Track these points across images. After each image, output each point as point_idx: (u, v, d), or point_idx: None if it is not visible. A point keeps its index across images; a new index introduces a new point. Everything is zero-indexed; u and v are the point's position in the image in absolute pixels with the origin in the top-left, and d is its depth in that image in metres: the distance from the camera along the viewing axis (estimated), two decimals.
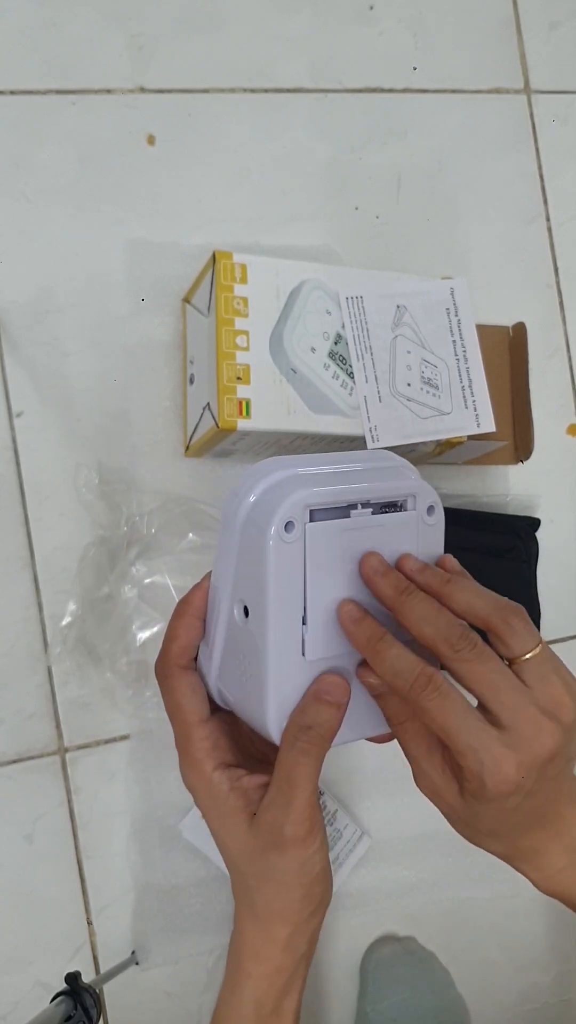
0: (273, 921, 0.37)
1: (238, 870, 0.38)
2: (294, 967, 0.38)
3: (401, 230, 0.71)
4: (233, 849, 0.37)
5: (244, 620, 0.35)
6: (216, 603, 0.36)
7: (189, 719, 0.37)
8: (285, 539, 0.32)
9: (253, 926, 0.38)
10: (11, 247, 0.63)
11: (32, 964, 0.59)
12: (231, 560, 0.35)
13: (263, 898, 0.37)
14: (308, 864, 0.36)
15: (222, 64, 0.68)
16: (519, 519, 0.66)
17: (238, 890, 0.39)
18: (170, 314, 0.64)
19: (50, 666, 0.60)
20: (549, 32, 0.76)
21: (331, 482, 0.34)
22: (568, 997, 0.69)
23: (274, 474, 0.34)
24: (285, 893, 0.37)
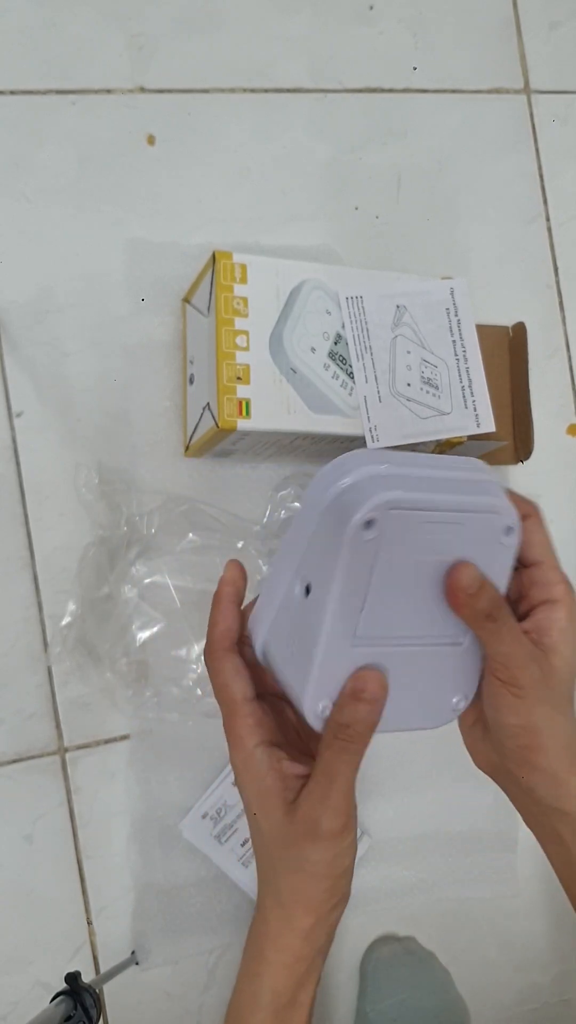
0: (298, 910, 0.38)
1: (268, 855, 0.38)
2: (313, 958, 0.38)
3: (401, 230, 0.71)
4: (267, 832, 0.38)
5: (303, 597, 0.35)
6: (280, 571, 0.37)
7: (234, 697, 0.38)
8: (363, 536, 0.33)
9: (277, 914, 0.38)
10: (11, 247, 0.63)
11: (32, 964, 0.59)
12: (304, 537, 0.35)
13: (290, 886, 0.38)
14: (339, 858, 0.37)
15: (222, 64, 0.68)
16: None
17: (265, 875, 0.39)
18: (170, 314, 0.64)
19: (50, 666, 0.60)
20: (549, 32, 0.76)
21: (420, 487, 0.34)
22: (568, 997, 0.69)
23: (367, 467, 0.34)
24: (313, 884, 0.37)
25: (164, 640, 0.59)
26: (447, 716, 0.39)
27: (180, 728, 0.61)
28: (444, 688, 0.38)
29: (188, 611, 0.60)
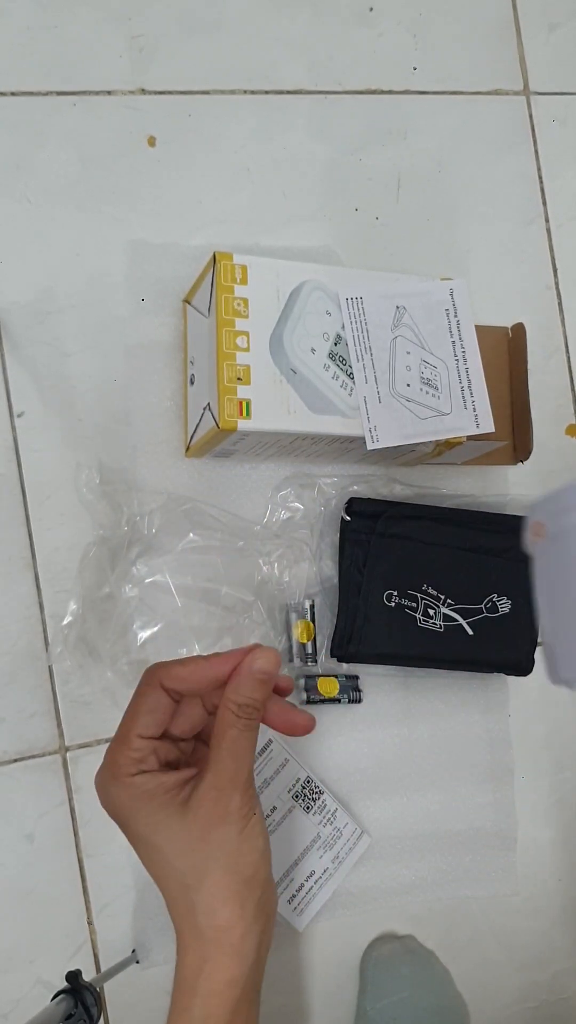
0: (217, 926, 0.36)
1: (174, 872, 0.36)
2: (244, 976, 0.36)
3: (401, 231, 0.71)
4: (167, 847, 0.36)
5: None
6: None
7: (131, 729, 0.38)
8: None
9: (194, 937, 0.36)
10: (12, 248, 0.63)
11: (33, 962, 0.60)
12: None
13: (204, 897, 0.36)
14: (251, 838, 0.36)
15: (222, 65, 0.68)
16: (518, 519, 0.67)
17: (176, 901, 0.37)
18: (170, 314, 0.64)
19: (51, 665, 0.60)
20: (548, 34, 0.77)
21: None
22: (567, 995, 0.70)
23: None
24: (227, 879, 0.36)
25: (165, 639, 0.59)
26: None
27: None
28: None
29: (189, 611, 0.60)
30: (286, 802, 0.61)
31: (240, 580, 0.61)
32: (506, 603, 0.65)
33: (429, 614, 0.63)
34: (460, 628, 0.64)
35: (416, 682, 0.67)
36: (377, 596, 0.62)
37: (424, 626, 0.63)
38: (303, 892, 0.61)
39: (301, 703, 0.63)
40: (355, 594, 0.62)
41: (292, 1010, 0.63)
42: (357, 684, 0.64)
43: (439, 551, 0.64)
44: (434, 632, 0.63)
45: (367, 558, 0.62)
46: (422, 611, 0.63)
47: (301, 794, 0.62)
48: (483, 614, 0.64)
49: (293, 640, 0.63)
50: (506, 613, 0.65)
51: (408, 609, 0.63)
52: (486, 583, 0.65)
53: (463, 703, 0.68)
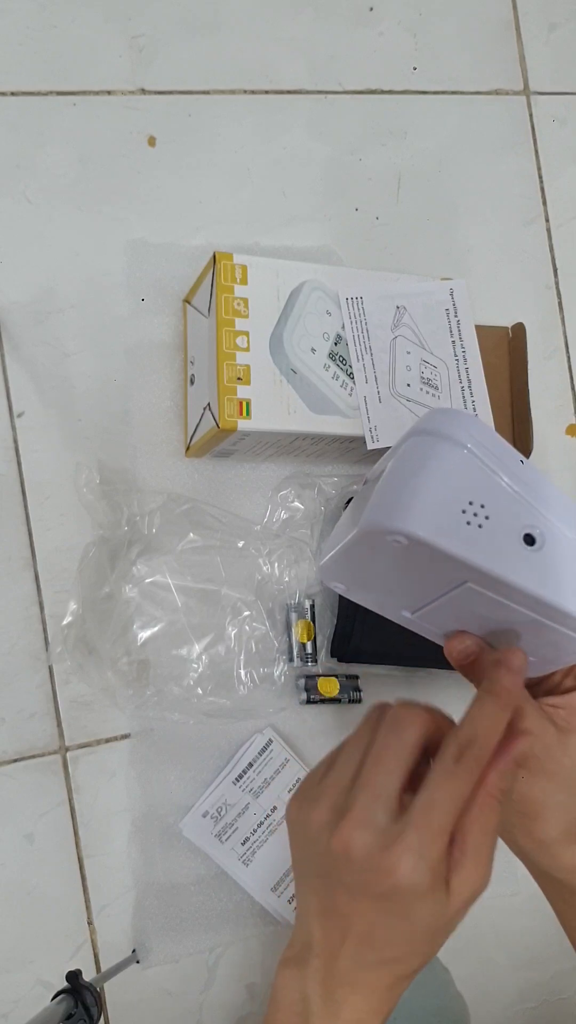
0: (371, 970, 0.34)
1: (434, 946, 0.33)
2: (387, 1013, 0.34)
3: (401, 231, 0.71)
4: (423, 926, 0.33)
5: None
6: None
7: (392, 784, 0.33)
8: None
9: (330, 971, 0.33)
10: (12, 248, 0.63)
11: (33, 962, 0.60)
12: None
13: (383, 937, 0.33)
14: (458, 916, 0.33)
15: (222, 66, 0.68)
16: None
17: (332, 904, 0.33)
18: (170, 314, 0.64)
19: (51, 665, 0.60)
20: (548, 34, 0.77)
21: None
22: (566, 995, 0.70)
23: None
24: (415, 952, 0.34)
25: (165, 639, 0.59)
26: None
27: (181, 727, 0.61)
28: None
29: (189, 610, 0.60)
30: (286, 802, 0.61)
31: (240, 580, 0.61)
32: None
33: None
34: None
35: (416, 682, 0.67)
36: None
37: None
38: None
39: (301, 703, 0.63)
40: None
41: None
42: (357, 684, 0.64)
43: None
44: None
45: None
46: None
47: None
48: None
49: (293, 640, 0.63)
50: None
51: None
52: None
53: (463, 703, 0.68)
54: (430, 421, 0.32)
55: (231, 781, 0.61)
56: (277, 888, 0.60)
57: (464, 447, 0.30)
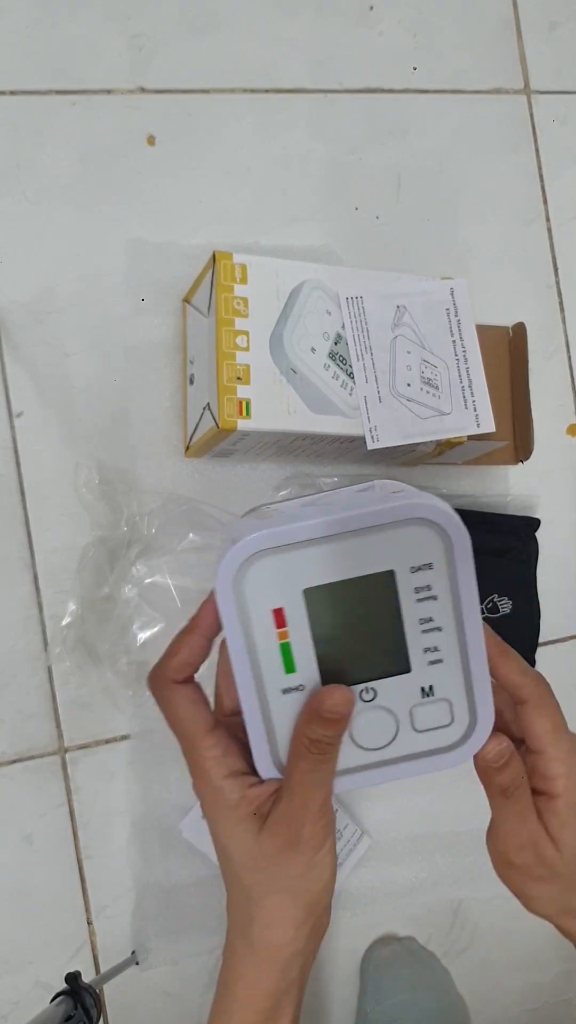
0: (269, 942, 0.36)
1: (240, 883, 0.37)
2: (286, 991, 0.37)
3: (401, 230, 0.71)
4: (239, 859, 0.36)
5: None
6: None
7: (194, 730, 0.36)
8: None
9: (245, 947, 0.37)
10: (12, 247, 0.63)
11: (32, 964, 0.59)
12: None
13: (263, 915, 0.36)
14: (318, 868, 0.36)
15: (222, 65, 0.68)
16: (519, 519, 0.67)
17: (236, 908, 0.38)
18: (170, 314, 0.64)
19: (50, 666, 0.60)
20: (549, 33, 0.77)
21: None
22: (568, 997, 0.69)
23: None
24: (289, 903, 0.36)
25: (165, 640, 0.59)
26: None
27: None
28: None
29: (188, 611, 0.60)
30: None
31: None
32: (507, 603, 0.64)
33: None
34: None
35: None
36: None
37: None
38: None
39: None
40: None
41: None
42: None
43: None
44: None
45: None
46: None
47: None
48: (484, 614, 0.64)
49: None
50: (507, 613, 0.64)
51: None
52: (487, 583, 0.64)
53: None
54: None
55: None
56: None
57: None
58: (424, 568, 0.34)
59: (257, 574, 0.34)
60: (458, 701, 0.36)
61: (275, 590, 0.34)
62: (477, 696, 0.36)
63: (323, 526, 0.33)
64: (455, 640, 0.36)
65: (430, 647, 0.35)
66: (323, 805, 0.35)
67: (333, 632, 0.35)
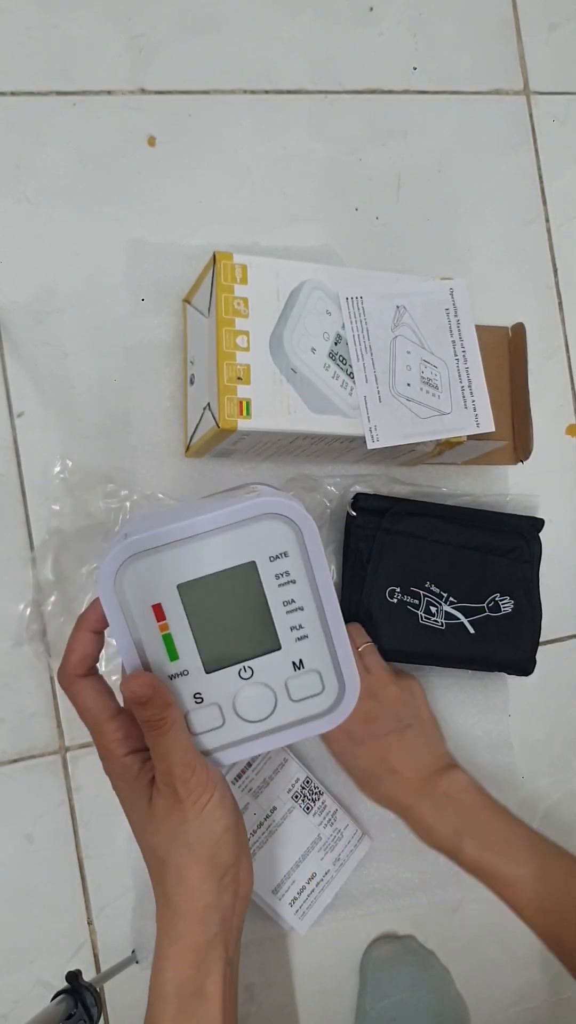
0: (182, 895, 0.40)
1: (147, 845, 0.41)
2: (209, 946, 0.39)
3: (401, 231, 0.71)
4: (140, 823, 0.41)
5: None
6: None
7: (98, 716, 0.41)
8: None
9: (164, 905, 0.40)
10: (12, 247, 0.63)
11: (33, 963, 0.59)
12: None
13: (173, 872, 0.40)
14: (208, 821, 0.39)
15: (222, 65, 0.68)
16: (523, 519, 0.67)
17: (153, 874, 0.41)
18: (170, 314, 0.64)
19: (51, 665, 0.60)
20: (548, 33, 0.77)
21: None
22: (566, 996, 0.70)
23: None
24: (190, 857, 0.39)
25: None
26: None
27: None
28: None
29: None
30: (285, 803, 0.61)
31: None
32: (508, 603, 0.65)
33: (431, 611, 0.63)
34: (462, 626, 0.63)
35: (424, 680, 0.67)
36: (380, 592, 0.62)
37: (426, 623, 0.63)
38: (304, 895, 0.61)
39: None
40: (358, 589, 0.62)
41: (293, 1010, 0.63)
42: None
43: (443, 549, 0.64)
44: (435, 630, 0.63)
45: (371, 554, 0.62)
46: (424, 608, 0.63)
47: (301, 795, 0.62)
48: (485, 613, 0.64)
49: None
50: (508, 612, 0.64)
51: (410, 606, 0.63)
52: (489, 582, 0.65)
53: (462, 704, 0.68)
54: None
55: (230, 781, 0.61)
56: (278, 890, 0.60)
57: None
58: (281, 556, 0.39)
59: (135, 574, 0.38)
60: (326, 670, 0.41)
61: (153, 587, 0.38)
62: (343, 664, 0.41)
63: (187, 527, 0.38)
64: (316, 617, 0.40)
65: (295, 625, 0.40)
66: (184, 767, 0.39)
67: (208, 620, 0.39)
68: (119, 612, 0.38)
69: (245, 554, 0.39)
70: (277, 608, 0.40)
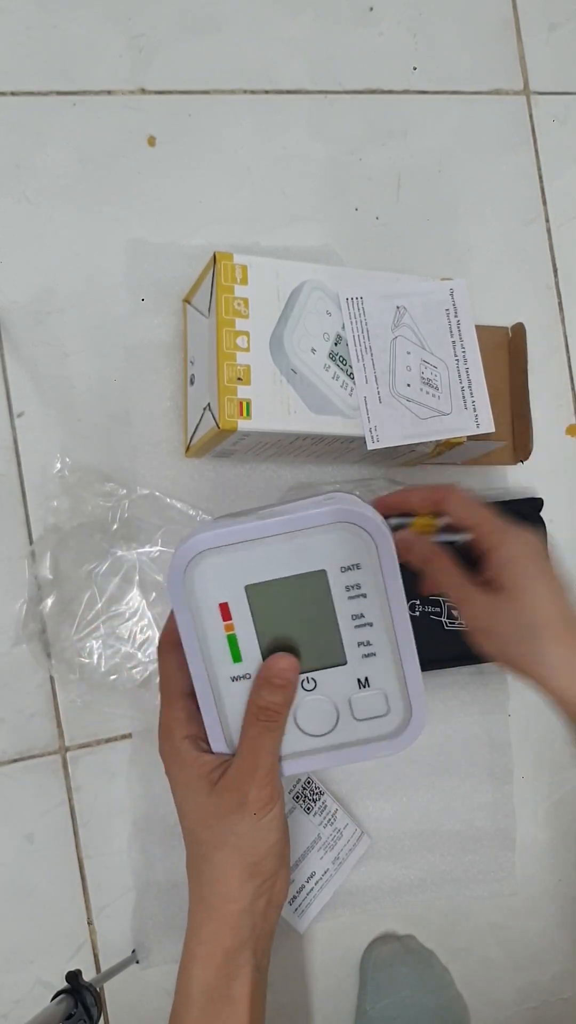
0: (219, 895, 0.39)
1: (195, 838, 0.40)
2: (238, 950, 0.39)
3: (401, 231, 0.71)
4: (193, 814, 0.40)
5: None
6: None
7: (173, 689, 0.40)
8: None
9: (199, 903, 0.40)
10: (12, 247, 0.63)
11: (33, 963, 0.60)
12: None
13: (213, 868, 0.39)
14: (264, 831, 0.39)
15: (222, 65, 0.68)
16: (522, 502, 0.67)
17: (191, 867, 0.41)
18: (170, 314, 0.64)
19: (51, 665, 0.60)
20: (548, 33, 0.77)
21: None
22: (567, 996, 0.70)
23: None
24: (235, 859, 0.39)
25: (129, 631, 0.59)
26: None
27: None
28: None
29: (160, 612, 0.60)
30: (287, 803, 0.61)
31: None
32: None
33: (453, 615, 0.63)
34: None
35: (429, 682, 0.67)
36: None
37: (451, 628, 0.63)
38: (304, 893, 0.61)
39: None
40: None
41: (293, 1009, 0.63)
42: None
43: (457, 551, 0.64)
44: (462, 632, 0.63)
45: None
46: (446, 614, 0.63)
47: (302, 795, 0.62)
48: None
49: None
50: None
51: (432, 615, 0.63)
52: None
53: (463, 703, 0.68)
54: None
55: None
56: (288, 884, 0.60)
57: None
58: (353, 568, 0.38)
59: (205, 570, 0.37)
60: (393, 692, 0.39)
61: (221, 585, 0.37)
62: (411, 688, 0.39)
63: (259, 528, 0.37)
64: (386, 635, 0.39)
65: (363, 641, 0.39)
66: (269, 771, 0.38)
67: (274, 625, 0.38)
68: (186, 607, 0.37)
69: (316, 561, 0.37)
70: (345, 621, 0.38)
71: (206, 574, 0.37)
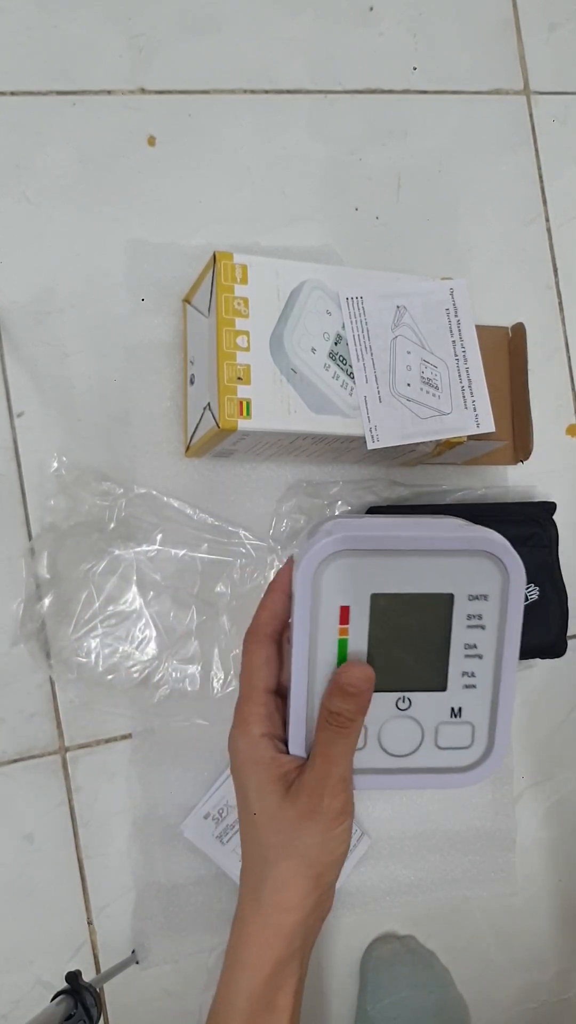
0: (278, 905, 0.38)
1: (259, 843, 0.39)
2: (289, 960, 0.38)
3: (401, 230, 0.71)
4: (262, 817, 0.38)
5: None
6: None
7: (256, 683, 0.39)
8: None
9: (253, 911, 0.39)
10: (12, 247, 0.63)
11: (33, 963, 0.59)
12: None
13: (276, 875, 0.38)
14: (333, 842, 0.38)
15: (222, 65, 0.68)
16: (535, 505, 0.67)
17: (250, 870, 0.39)
18: (170, 314, 0.64)
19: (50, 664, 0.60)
20: (548, 33, 0.77)
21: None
22: (567, 996, 0.70)
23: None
24: (302, 869, 0.38)
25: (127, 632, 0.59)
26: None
27: (182, 728, 0.61)
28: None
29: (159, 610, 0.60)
30: None
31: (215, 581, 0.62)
32: (534, 591, 0.64)
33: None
34: None
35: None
36: None
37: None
38: None
39: None
40: None
41: None
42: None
43: None
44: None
45: None
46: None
47: None
48: None
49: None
50: (535, 600, 0.64)
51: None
52: None
53: None
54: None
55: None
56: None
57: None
58: (480, 598, 0.37)
59: (335, 570, 0.36)
60: (480, 726, 0.39)
61: (347, 588, 0.37)
62: (499, 726, 0.38)
63: (398, 540, 0.36)
64: (491, 670, 0.38)
65: (468, 671, 0.38)
66: (341, 780, 0.37)
67: (387, 638, 0.37)
68: (308, 603, 0.37)
69: (446, 584, 0.37)
70: (457, 649, 0.38)
71: (335, 574, 0.37)
